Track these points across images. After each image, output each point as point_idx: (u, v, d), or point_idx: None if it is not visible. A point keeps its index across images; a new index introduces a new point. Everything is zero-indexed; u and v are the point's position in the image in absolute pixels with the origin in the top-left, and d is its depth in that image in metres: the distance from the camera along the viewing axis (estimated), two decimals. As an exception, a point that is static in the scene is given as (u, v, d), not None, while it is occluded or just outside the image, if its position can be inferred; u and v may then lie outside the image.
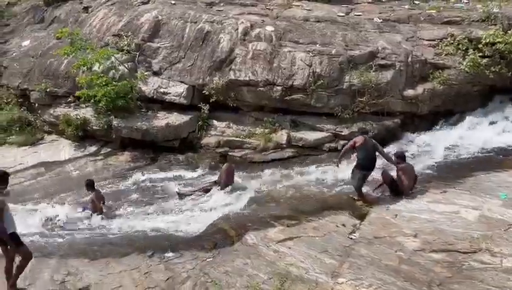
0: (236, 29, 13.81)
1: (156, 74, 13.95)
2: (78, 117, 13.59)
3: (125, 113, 13.32)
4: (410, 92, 12.81)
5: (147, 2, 15.89)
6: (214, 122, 13.37)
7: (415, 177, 9.25)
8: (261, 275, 6.63)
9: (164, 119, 13.12)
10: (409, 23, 14.75)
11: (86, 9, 17.35)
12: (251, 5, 16.00)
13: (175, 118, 13.19)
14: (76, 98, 14.03)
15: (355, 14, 15.50)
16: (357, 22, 14.58)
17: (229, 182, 10.63)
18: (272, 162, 12.12)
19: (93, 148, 13.62)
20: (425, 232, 7.39)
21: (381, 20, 14.84)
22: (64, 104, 14.54)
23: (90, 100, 13.33)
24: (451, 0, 16.64)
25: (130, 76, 13.70)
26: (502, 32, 12.91)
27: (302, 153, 12.37)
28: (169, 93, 13.56)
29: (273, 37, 13.50)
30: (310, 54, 12.90)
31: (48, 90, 14.64)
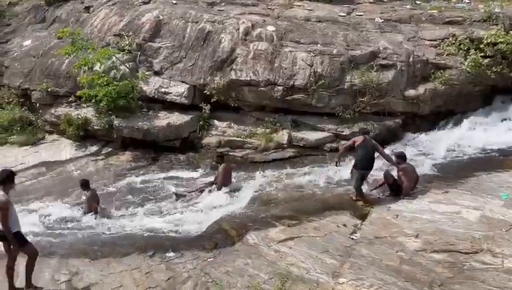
0: (238, 29, 13.81)
1: (157, 73, 13.96)
2: (79, 117, 13.62)
3: (127, 113, 13.33)
4: (411, 92, 12.81)
5: (148, 2, 15.89)
6: (215, 122, 13.37)
7: (416, 177, 9.22)
8: (262, 275, 6.63)
9: (165, 119, 13.12)
10: (410, 23, 14.75)
11: (87, 9, 17.37)
12: (252, 5, 16.00)
13: (176, 118, 13.19)
14: (77, 98, 14.04)
15: (356, 14, 15.50)
16: (359, 22, 14.58)
17: (226, 183, 10.51)
18: (273, 162, 12.11)
19: (94, 148, 13.64)
20: (426, 233, 7.37)
21: (382, 20, 14.83)
22: (66, 104, 14.57)
23: (92, 100, 13.34)
24: (452, 0, 16.64)
25: (131, 76, 13.72)
26: (504, 32, 12.91)
27: (303, 153, 12.36)
28: (171, 93, 13.56)
29: (274, 37, 13.50)
30: (311, 53, 12.90)
31: (49, 90, 14.67)
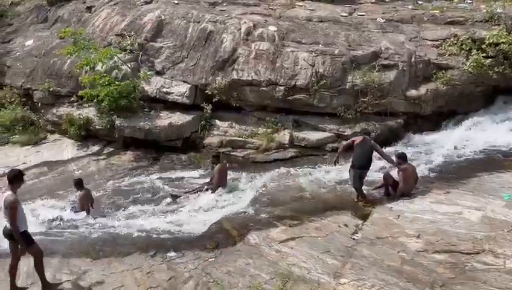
0: (239, 29, 13.82)
1: (159, 73, 13.98)
2: (81, 117, 13.65)
3: (128, 112, 13.34)
4: (413, 93, 12.80)
5: (150, 2, 15.91)
6: (217, 122, 13.39)
7: (416, 178, 9.22)
8: (263, 275, 6.62)
9: (167, 119, 13.13)
10: (412, 24, 14.75)
11: (89, 9, 17.38)
12: (254, 5, 16.02)
13: (178, 118, 13.20)
14: (79, 98, 14.05)
15: (358, 14, 15.51)
16: (360, 22, 14.58)
17: (222, 183, 10.41)
18: (275, 162, 12.10)
19: (95, 147, 13.66)
20: (428, 233, 7.36)
21: (384, 20, 14.83)
22: (67, 104, 14.59)
23: (93, 100, 13.35)
24: (454, 1, 16.62)
25: (132, 76, 13.73)
26: (506, 32, 12.90)
27: (305, 153, 12.37)
28: (172, 93, 13.57)
29: (276, 37, 13.50)
30: (313, 54, 12.90)
31: (51, 89, 14.70)
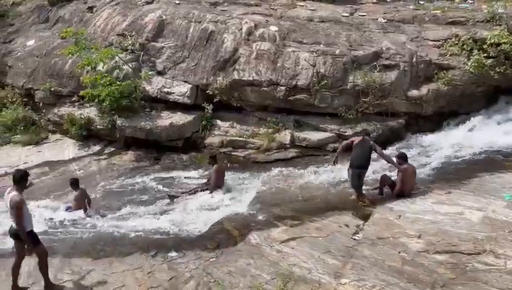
0: (240, 29, 13.82)
1: (160, 73, 13.99)
2: (82, 116, 13.66)
3: (129, 112, 13.35)
4: (414, 93, 12.79)
5: (151, 2, 15.91)
6: (218, 122, 13.40)
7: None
8: (264, 275, 6.63)
9: (168, 119, 13.14)
10: (413, 24, 14.73)
11: (90, 9, 17.40)
12: (255, 5, 16.00)
13: (179, 118, 13.21)
14: (80, 98, 14.05)
15: (359, 14, 15.49)
16: (362, 22, 14.57)
17: (219, 183, 10.34)
18: (276, 162, 12.10)
19: (97, 147, 13.67)
20: (429, 233, 7.37)
21: (385, 20, 14.81)
22: (69, 104, 14.60)
23: (94, 100, 13.36)
24: (456, 1, 16.60)
25: (134, 76, 13.75)
26: (507, 32, 12.85)
27: (306, 153, 12.38)
28: (173, 93, 13.58)
29: (277, 37, 13.50)
30: (314, 54, 12.90)
31: (52, 89, 14.72)
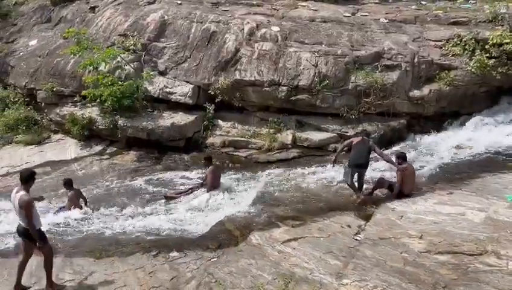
0: (242, 29, 13.83)
1: (162, 73, 14.00)
2: (84, 116, 13.68)
3: (131, 112, 13.38)
4: (416, 93, 12.77)
5: (153, 2, 15.96)
6: (219, 122, 13.41)
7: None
8: (266, 275, 6.62)
9: (169, 119, 13.16)
10: (415, 24, 14.72)
11: (92, 9, 17.46)
12: (257, 5, 16.02)
13: (180, 118, 13.23)
14: (82, 98, 14.09)
15: (361, 14, 15.48)
16: (363, 23, 14.56)
17: (215, 185, 10.30)
18: (277, 162, 12.10)
19: (98, 147, 13.70)
20: (430, 234, 7.34)
21: (387, 20, 14.79)
22: (71, 104, 14.63)
23: (96, 100, 13.39)
24: (458, 1, 16.57)
25: (135, 76, 13.77)
26: (509, 32, 12.83)
27: (307, 153, 12.37)
28: (175, 93, 13.59)
29: (279, 37, 13.50)
30: (316, 54, 12.90)
31: (55, 89, 14.75)
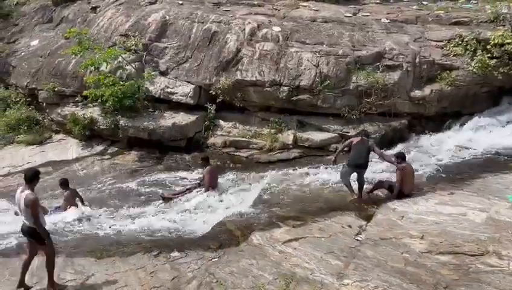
0: (243, 29, 13.83)
1: (163, 73, 14.01)
2: (86, 116, 13.69)
3: (132, 112, 13.39)
4: (417, 93, 12.77)
5: (155, 2, 15.97)
6: (221, 122, 13.41)
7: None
8: (267, 275, 6.61)
9: (171, 119, 13.17)
10: (416, 24, 14.72)
11: (94, 9, 17.47)
12: (258, 5, 16.03)
13: (181, 118, 13.24)
14: (83, 98, 14.11)
15: (362, 14, 15.48)
16: (365, 23, 14.55)
17: (213, 185, 10.30)
18: (278, 162, 12.11)
19: (100, 147, 13.71)
20: (432, 234, 7.34)
21: (388, 20, 14.79)
22: (72, 104, 14.64)
23: (98, 100, 13.40)
24: (459, 1, 16.56)
25: (137, 76, 13.78)
26: (511, 33, 12.81)
27: (309, 153, 12.37)
28: (176, 93, 13.60)
29: (280, 37, 13.50)
30: (317, 54, 12.89)
31: (56, 89, 14.76)
